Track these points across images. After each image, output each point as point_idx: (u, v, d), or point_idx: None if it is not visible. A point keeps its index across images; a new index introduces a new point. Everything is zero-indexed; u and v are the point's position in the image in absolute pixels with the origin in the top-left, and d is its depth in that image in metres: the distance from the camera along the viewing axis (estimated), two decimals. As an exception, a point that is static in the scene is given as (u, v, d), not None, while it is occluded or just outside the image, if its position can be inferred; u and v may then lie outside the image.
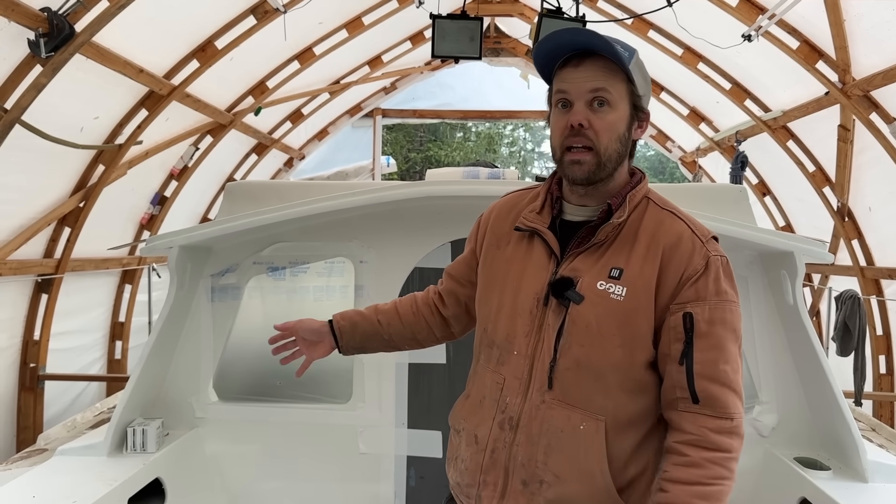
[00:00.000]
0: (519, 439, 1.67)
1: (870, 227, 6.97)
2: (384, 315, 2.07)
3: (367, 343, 2.08)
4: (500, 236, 1.86)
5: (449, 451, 1.91)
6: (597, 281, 1.64)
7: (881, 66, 5.50)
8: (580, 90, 1.64)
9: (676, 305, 1.62)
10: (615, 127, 1.65)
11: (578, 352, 1.63)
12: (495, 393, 1.73)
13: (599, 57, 1.64)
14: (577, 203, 1.75)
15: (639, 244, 1.66)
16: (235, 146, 9.10)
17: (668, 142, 11.24)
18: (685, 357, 1.60)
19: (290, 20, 6.67)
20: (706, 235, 1.69)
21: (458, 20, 6.05)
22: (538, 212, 1.79)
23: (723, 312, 1.63)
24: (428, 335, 2.09)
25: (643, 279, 1.63)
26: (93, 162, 6.20)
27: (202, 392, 3.35)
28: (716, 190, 3.77)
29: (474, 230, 1.99)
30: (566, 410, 1.63)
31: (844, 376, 6.33)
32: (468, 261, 1.99)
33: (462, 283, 2.00)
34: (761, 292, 3.16)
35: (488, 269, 1.85)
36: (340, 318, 2.08)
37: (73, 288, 6.58)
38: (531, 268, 1.74)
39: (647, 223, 1.69)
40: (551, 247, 1.72)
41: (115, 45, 5.37)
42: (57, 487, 2.64)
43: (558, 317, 1.65)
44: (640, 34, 7.69)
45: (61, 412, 6.43)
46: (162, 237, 3.08)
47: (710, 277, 1.63)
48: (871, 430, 3.56)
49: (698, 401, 1.59)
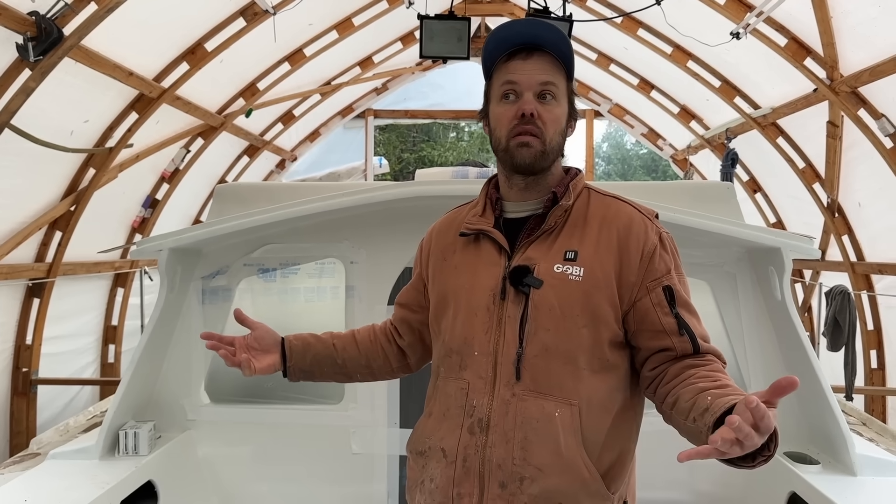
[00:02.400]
0: (491, 440, 1.62)
1: (860, 222, 7.01)
2: (340, 340, 1.99)
3: (317, 368, 1.95)
4: (444, 249, 1.86)
5: (410, 479, 1.81)
6: (553, 265, 1.65)
7: (868, 63, 5.54)
8: (530, 81, 1.68)
9: (653, 282, 1.65)
10: (559, 120, 1.71)
11: (545, 336, 1.62)
12: (460, 399, 1.68)
13: (546, 52, 1.70)
14: (518, 199, 1.77)
15: (589, 227, 1.70)
16: (227, 148, 9.09)
17: (660, 140, 11.28)
18: (683, 328, 1.63)
19: (279, 22, 6.67)
20: (651, 214, 1.75)
21: (446, 21, 6.06)
22: (481, 214, 1.80)
23: (686, 284, 1.72)
24: (383, 364, 2.02)
25: (599, 260, 1.65)
26: (83, 166, 6.19)
27: (194, 394, 3.36)
28: (703, 187, 3.78)
29: (418, 255, 1.99)
30: (538, 399, 1.61)
31: (836, 371, 6.38)
32: (416, 286, 1.98)
33: (413, 309, 1.98)
34: (749, 288, 3.18)
35: (439, 283, 1.83)
36: (293, 337, 1.94)
37: (65, 292, 6.56)
38: (482, 267, 1.74)
39: (593, 209, 1.74)
40: (499, 242, 1.73)
41: (105, 49, 5.36)
42: (49, 491, 2.64)
43: (518, 306, 1.64)
44: (629, 33, 7.72)
45: (54, 417, 6.41)
46: (151, 240, 3.09)
47: (667, 251, 1.70)
48: (862, 424, 3.59)
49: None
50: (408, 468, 1.83)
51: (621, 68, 9.44)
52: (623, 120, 11.39)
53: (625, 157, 35.78)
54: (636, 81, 9.52)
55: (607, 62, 9.40)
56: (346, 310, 3.37)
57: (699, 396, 1.45)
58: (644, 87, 9.52)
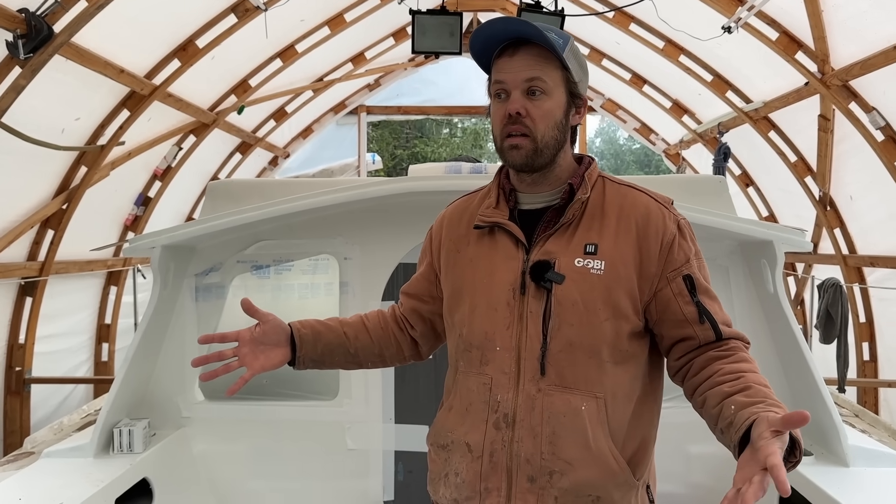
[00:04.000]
0: (518, 435, 1.62)
1: (851, 215, 7.05)
2: (351, 328, 1.93)
3: (327, 356, 1.90)
4: (457, 240, 1.83)
5: (432, 472, 1.81)
6: (574, 259, 1.64)
7: (859, 56, 5.55)
8: (516, 79, 1.65)
9: (673, 272, 1.66)
10: (552, 114, 1.67)
11: (569, 332, 1.62)
12: (483, 394, 1.68)
13: (534, 45, 1.65)
14: (531, 192, 1.75)
15: (608, 219, 1.69)
16: (219, 145, 9.06)
17: (652, 134, 11.30)
18: (703, 314, 1.64)
19: (271, 18, 6.65)
20: (668, 202, 1.75)
21: (438, 16, 6.07)
22: (495, 206, 1.78)
23: (705, 268, 1.73)
24: (396, 352, 1.99)
25: (619, 252, 1.65)
26: (75, 164, 6.17)
27: (188, 391, 3.35)
28: (695, 181, 3.80)
29: (427, 244, 1.95)
30: (564, 394, 1.61)
31: (828, 364, 6.41)
32: (427, 275, 1.93)
33: (424, 299, 1.94)
34: (742, 281, 3.20)
35: (452, 275, 1.81)
36: (301, 325, 1.87)
37: (58, 290, 6.55)
38: (499, 261, 1.71)
39: (610, 199, 1.72)
40: (516, 236, 1.71)
41: (95, 46, 5.34)
42: (43, 489, 2.63)
43: (540, 302, 1.63)
44: (621, 27, 7.73)
45: (48, 415, 6.39)
46: (144, 237, 3.08)
47: (686, 238, 1.70)
48: (854, 415, 3.61)
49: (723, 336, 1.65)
50: (429, 461, 1.83)
51: (613, 63, 9.44)
52: (615, 115, 11.40)
53: (618, 152, 35.80)
54: (628, 76, 9.53)
55: (599, 57, 9.40)
56: (340, 306, 3.37)
57: (724, 405, 1.48)
58: (636, 82, 9.54)
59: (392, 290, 3.31)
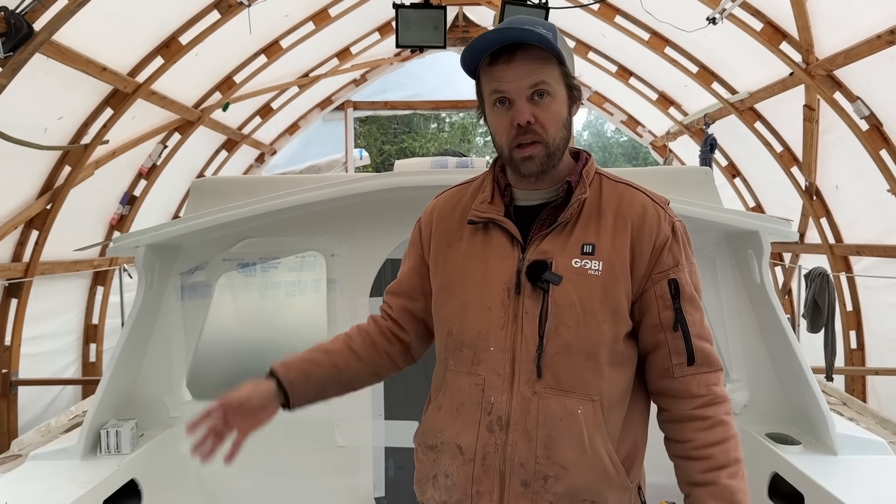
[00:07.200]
0: (512, 438, 1.58)
1: (837, 205, 7.09)
2: (340, 356, 1.83)
3: (321, 392, 1.82)
4: (449, 234, 1.77)
5: (419, 472, 1.76)
6: (571, 259, 1.61)
7: (843, 46, 5.57)
8: (519, 87, 1.59)
9: (659, 274, 1.63)
10: (559, 115, 1.62)
11: (566, 334, 1.58)
12: (475, 395, 1.63)
13: (529, 47, 1.58)
14: (528, 188, 1.71)
15: (604, 218, 1.65)
16: (205, 143, 9.01)
17: (639, 127, 11.33)
18: (679, 322, 1.61)
19: (254, 14, 6.59)
20: (664, 202, 1.71)
21: (422, 9, 6.05)
22: (489, 201, 1.73)
23: (696, 275, 1.69)
24: (390, 368, 1.90)
25: (616, 252, 1.61)
26: (59, 163, 6.11)
27: (176, 391, 3.32)
28: (681, 172, 3.80)
29: (416, 236, 1.87)
30: (561, 397, 1.58)
31: (816, 353, 6.45)
32: (419, 270, 1.84)
33: (414, 297, 1.86)
34: (729, 272, 3.20)
35: (443, 270, 1.75)
36: (285, 370, 1.77)
37: (44, 291, 6.50)
38: (493, 258, 1.66)
39: (606, 198, 1.68)
40: (512, 234, 1.66)
41: (77, 44, 5.28)
42: (30, 492, 2.61)
43: (536, 302, 1.59)
44: (606, 20, 7.72)
45: (36, 417, 6.36)
46: (128, 236, 3.05)
47: (679, 242, 1.67)
48: (842, 404, 3.64)
49: (695, 361, 1.61)
50: (417, 461, 1.79)
51: (599, 56, 9.44)
52: (602, 108, 11.41)
53: (605, 144, 35.87)
54: (614, 69, 9.53)
55: (585, 50, 9.39)
56: (327, 303, 3.36)
57: (691, 490, 1.60)
58: (622, 75, 9.54)
59: (380, 286, 3.29)
